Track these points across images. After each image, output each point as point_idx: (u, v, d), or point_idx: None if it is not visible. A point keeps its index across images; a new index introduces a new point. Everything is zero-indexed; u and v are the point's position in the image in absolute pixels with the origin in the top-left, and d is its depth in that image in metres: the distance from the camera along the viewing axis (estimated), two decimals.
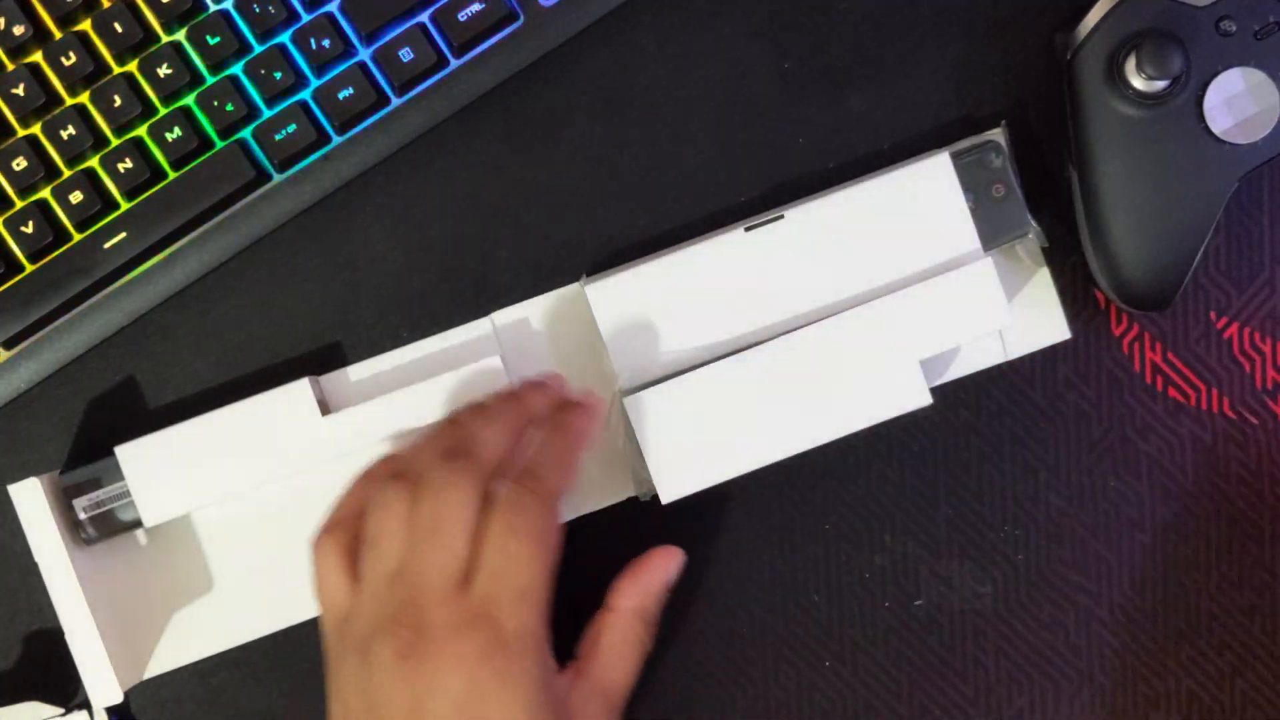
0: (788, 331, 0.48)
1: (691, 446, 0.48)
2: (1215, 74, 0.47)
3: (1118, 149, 0.47)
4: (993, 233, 0.49)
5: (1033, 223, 0.48)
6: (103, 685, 0.49)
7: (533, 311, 0.51)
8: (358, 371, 0.51)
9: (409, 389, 0.49)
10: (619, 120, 0.52)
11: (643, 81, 0.51)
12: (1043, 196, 0.50)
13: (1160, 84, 0.46)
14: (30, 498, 0.49)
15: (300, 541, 0.47)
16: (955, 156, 0.48)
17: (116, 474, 0.49)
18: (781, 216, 0.48)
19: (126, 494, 0.49)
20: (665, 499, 0.48)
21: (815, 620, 0.52)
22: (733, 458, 0.48)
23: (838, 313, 0.48)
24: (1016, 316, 0.50)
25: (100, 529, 0.50)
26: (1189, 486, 0.51)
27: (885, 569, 0.52)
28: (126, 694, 0.50)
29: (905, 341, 0.48)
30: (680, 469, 0.48)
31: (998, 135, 0.49)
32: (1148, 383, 0.51)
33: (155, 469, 0.49)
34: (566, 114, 0.52)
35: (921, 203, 0.48)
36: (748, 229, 0.48)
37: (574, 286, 0.51)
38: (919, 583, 0.51)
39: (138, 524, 0.50)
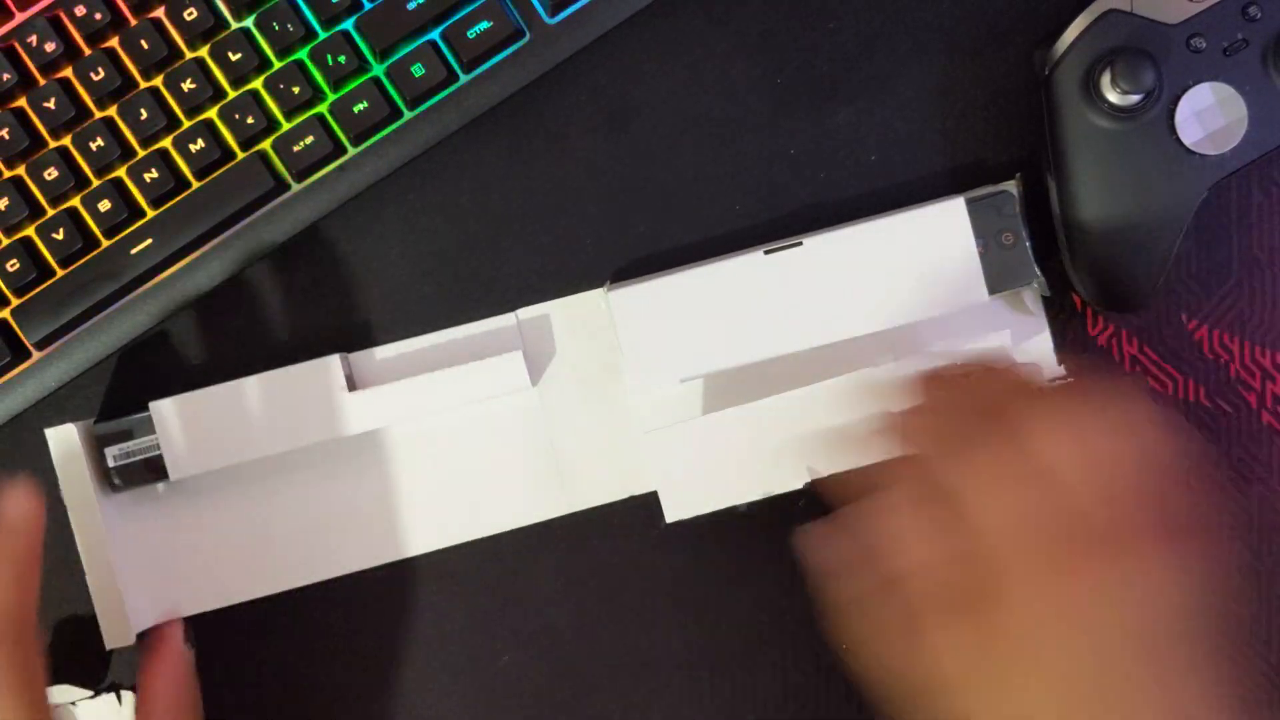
0: (796, 354, 0.49)
1: (701, 474, 0.48)
2: (1186, 88, 0.47)
3: (1094, 160, 0.48)
4: (999, 278, 0.49)
5: (1038, 272, 0.49)
6: (117, 626, 0.51)
7: (555, 311, 0.52)
8: (384, 352, 0.52)
9: (432, 374, 0.50)
10: (619, 133, 0.52)
11: (642, 96, 0.52)
12: (1049, 244, 0.50)
13: (1134, 98, 0.47)
14: (65, 441, 0.51)
15: (317, 507, 0.49)
16: (970, 202, 0.48)
17: (148, 428, 0.51)
18: (800, 244, 0.49)
19: (156, 447, 0.51)
20: (670, 518, 0.49)
21: (796, 635, 0.52)
22: (739, 486, 0.48)
23: (846, 342, 0.49)
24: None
25: (127, 479, 0.51)
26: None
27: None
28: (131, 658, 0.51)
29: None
30: (686, 493, 0.49)
31: (1011, 186, 0.49)
32: (1127, 371, 0.52)
33: (185, 426, 0.50)
34: (569, 127, 0.52)
35: (934, 244, 0.48)
36: (767, 252, 0.49)
37: (597, 291, 0.52)
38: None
39: (164, 476, 0.51)
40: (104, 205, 0.50)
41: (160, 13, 0.50)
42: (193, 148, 0.50)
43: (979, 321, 0.50)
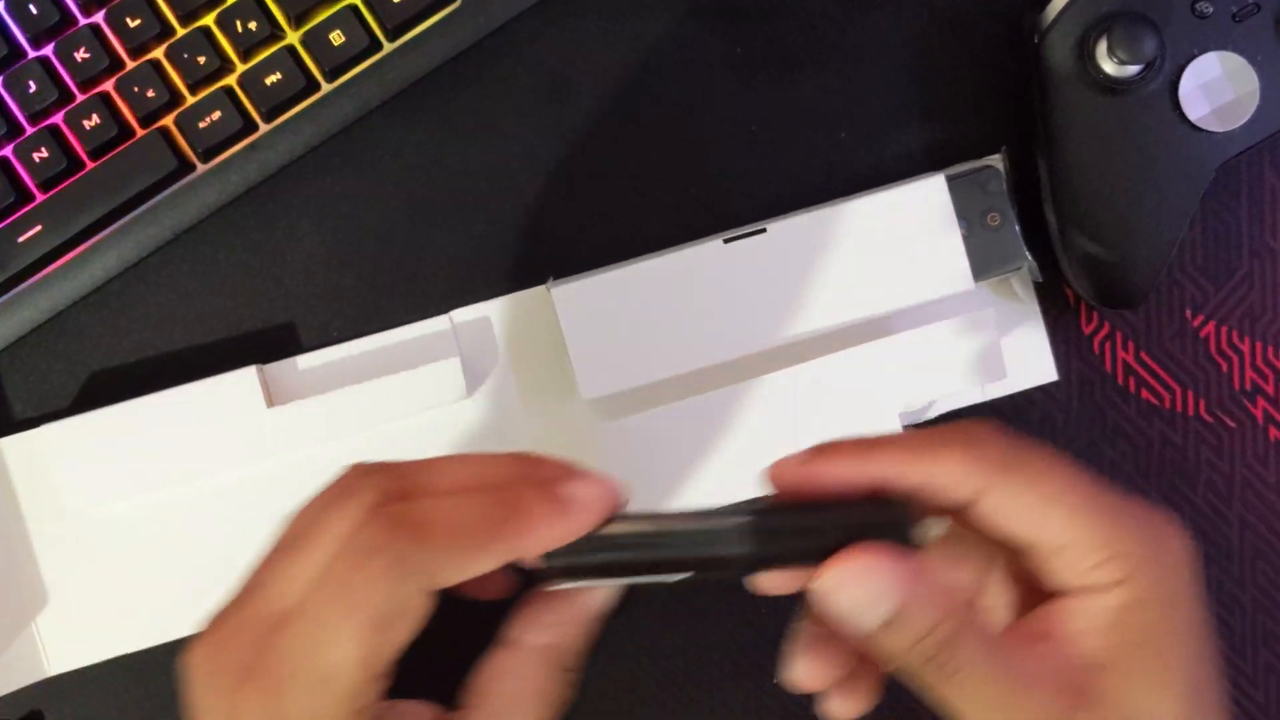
0: (761, 353, 0.48)
1: (659, 473, 0.48)
2: (1191, 58, 0.46)
3: (1088, 138, 0.47)
4: (985, 263, 0.48)
5: (1028, 255, 0.48)
6: (21, 667, 0.49)
7: (494, 312, 0.50)
8: (306, 361, 0.50)
9: (360, 386, 0.48)
10: (560, 110, 0.50)
11: (587, 67, 0.50)
12: (1038, 232, 0.49)
13: (1133, 69, 0.46)
14: None
15: (238, 540, 0.45)
16: (952, 180, 0.47)
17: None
18: (764, 230, 0.47)
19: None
20: None
21: (764, 636, 0.50)
22: (699, 490, 0.47)
23: (817, 338, 0.47)
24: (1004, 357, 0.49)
25: None
26: (1154, 497, 0.50)
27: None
28: (52, 688, 0.49)
29: (887, 392, 0.47)
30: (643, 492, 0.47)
31: (997, 161, 0.48)
32: (1120, 384, 0.50)
33: (81, 454, 0.48)
34: (507, 102, 0.50)
35: (912, 226, 0.47)
36: (727, 240, 0.47)
37: (539, 288, 0.50)
38: None
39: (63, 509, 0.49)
40: None
41: None
42: (86, 124, 0.48)
43: (963, 311, 0.48)
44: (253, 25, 0.48)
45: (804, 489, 0.34)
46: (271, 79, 0.48)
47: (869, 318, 0.48)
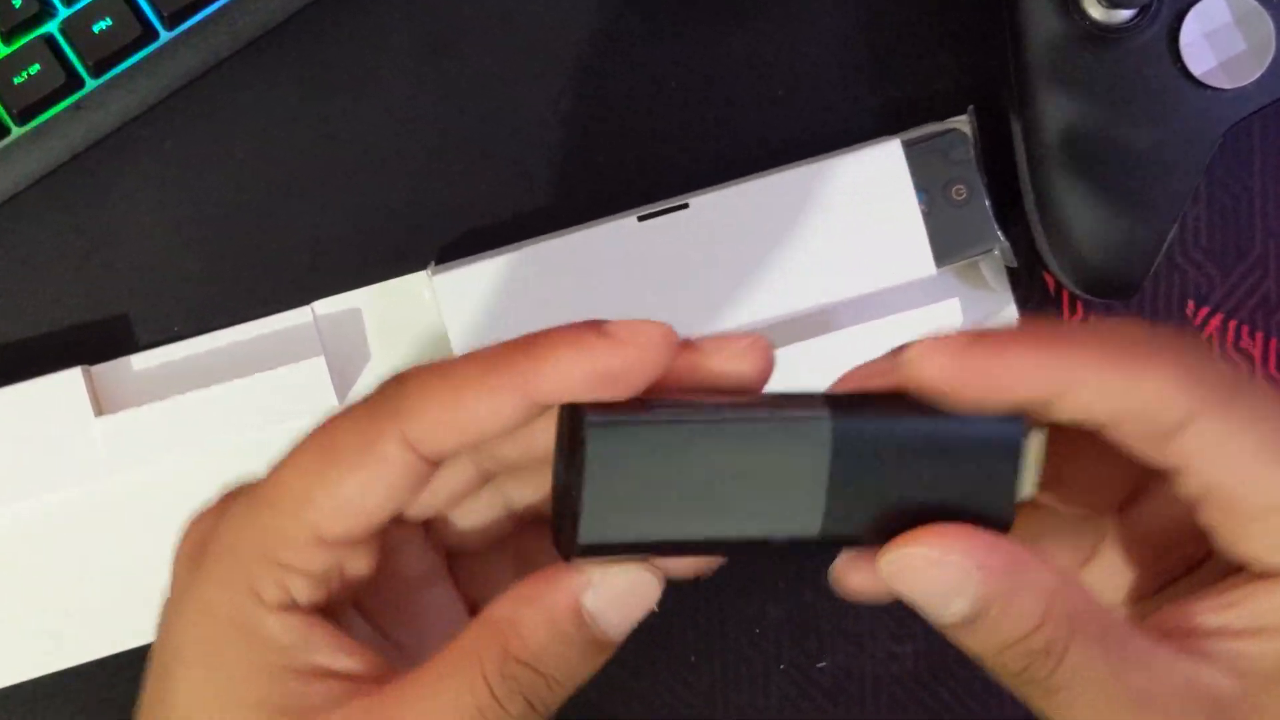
0: None
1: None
2: (1194, 1, 0.44)
3: (1072, 94, 0.45)
4: (949, 244, 0.46)
5: (1000, 236, 0.47)
6: None
7: (365, 302, 0.48)
8: (142, 361, 0.48)
9: (208, 390, 0.46)
10: (447, 63, 0.49)
11: (473, 14, 0.49)
12: (1012, 206, 0.47)
13: (1124, 13, 0.44)
14: None
15: (61, 574, 0.46)
16: (909, 145, 0.46)
17: None
18: (685, 205, 0.46)
19: None
20: None
21: (692, 687, 0.49)
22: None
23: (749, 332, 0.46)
24: None
25: None
26: None
27: (781, 623, 0.49)
28: None
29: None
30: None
31: (963, 124, 0.47)
32: None
33: None
34: (381, 57, 0.49)
35: (862, 201, 0.46)
36: (642, 218, 0.46)
37: (419, 275, 0.48)
38: (822, 640, 0.49)
39: None
40: None
41: None
42: None
43: (923, 301, 0.47)
44: None
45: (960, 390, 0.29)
46: (100, 25, 0.45)
47: (810, 309, 0.47)
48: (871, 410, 0.29)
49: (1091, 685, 0.28)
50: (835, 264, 0.47)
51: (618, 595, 0.29)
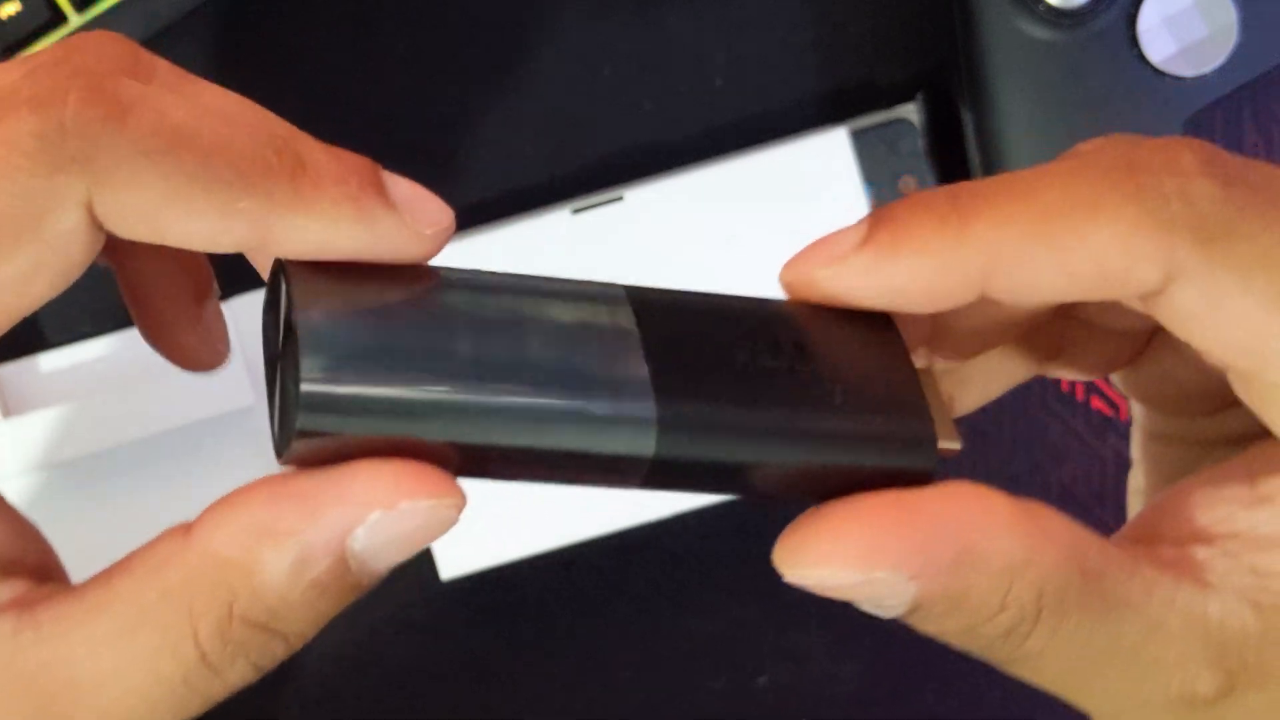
0: None
1: (483, 515, 0.45)
2: None
3: (1025, 82, 0.45)
4: None
5: None
6: None
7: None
8: (51, 361, 0.47)
9: (120, 390, 0.46)
10: (367, 47, 0.47)
11: None
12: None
13: None
14: None
15: None
16: (856, 134, 0.46)
17: None
18: (620, 198, 0.46)
19: None
20: (445, 575, 0.46)
21: (625, 701, 0.48)
22: (535, 535, 0.46)
23: None
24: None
25: None
26: (1111, 524, 0.45)
27: (717, 639, 0.48)
28: None
29: None
30: (467, 541, 0.46)
31: (911, 113, 0.47)
32: (1065, 391, 0.48)
33: None
34: (299, 39, 0.47)
35: (805, 193, 0.46)
36: (575, 211, 0.46)
37: None
38: (761, 657, 0.48)
39: None
40: None
41: None
42: None
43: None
44: None
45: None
46: (8, 9, 0.44)
47: None
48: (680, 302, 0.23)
49: (1066, 649, 0.23)
50: (779, 260, 0.45)
51: (405, 532, 0.21)
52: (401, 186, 0.22)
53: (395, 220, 0.22)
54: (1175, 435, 0.27)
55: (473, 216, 0.47)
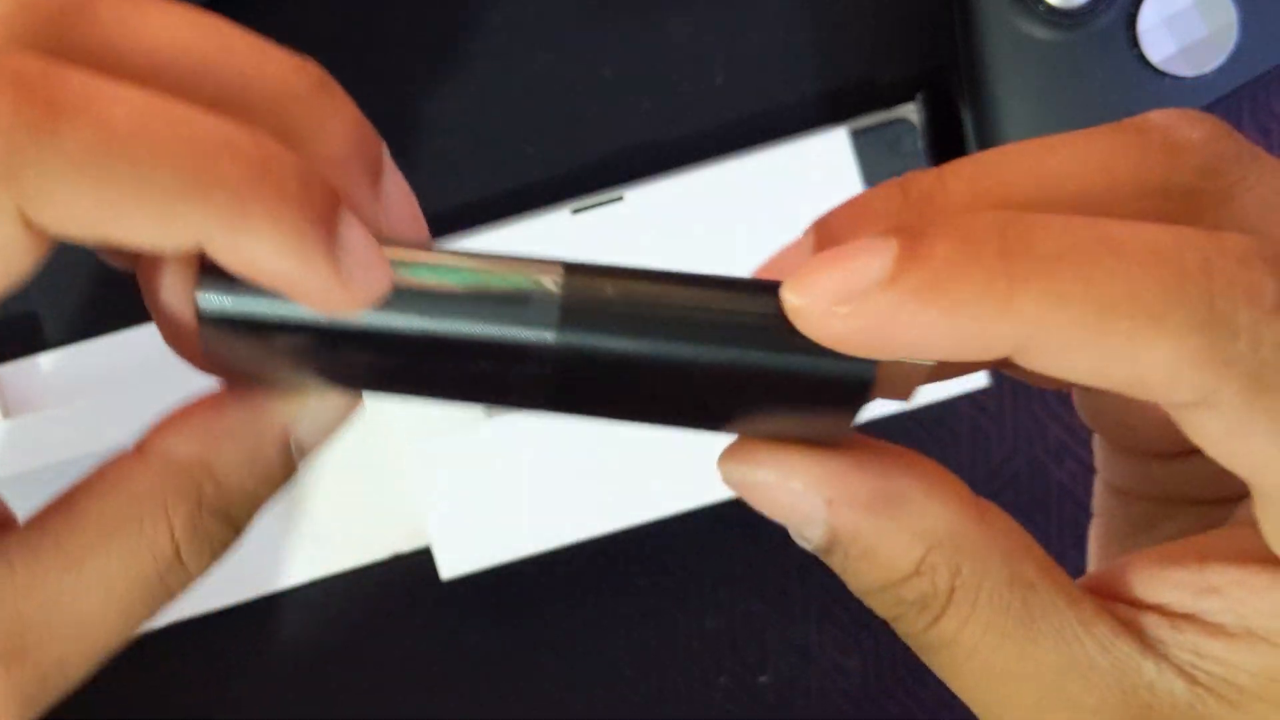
0: None
1: (484, 514, 0.46)
2: None
3: (1025, 82, 0.45)
4: None
5: None
6: None
7: None
8: (50, 361, 0.47)
9: (124, 392, 0.45)
10: (365, 49, 0.47)
11: None
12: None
13: None
14: None
15: None
16: (856, 134, 0.46)
17: None
18: (620, 198, 0.46)
19: None
20: (445, 575, 0.46)
21: (627, 700, 0.48)
22: (536, 534, 0.46)
23: None
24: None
25: None
26: None
27: (718, 637, 0.48)
28: None
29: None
30: (467, 541, 0.46)
31: (911, 113, 0.46)
32: (1065, 392, 0.47)
33: None
34: (296, 42, 0.45)
35: (805, 193, 0.46)
36: (575, 211, 0.46)
37: None
38: (766, 653, 0.48)
39: None
40: None
41: None
42: None
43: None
44: None
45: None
46: None
47: None
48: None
49: (979, 651, 0.23)
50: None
51: (331, 414, 0.24)
52: (354, 236, 0.22)
53: (329, 274, 0.21)
54: (1135, 490, 0.27)
55: (473, 216, 0.46)
